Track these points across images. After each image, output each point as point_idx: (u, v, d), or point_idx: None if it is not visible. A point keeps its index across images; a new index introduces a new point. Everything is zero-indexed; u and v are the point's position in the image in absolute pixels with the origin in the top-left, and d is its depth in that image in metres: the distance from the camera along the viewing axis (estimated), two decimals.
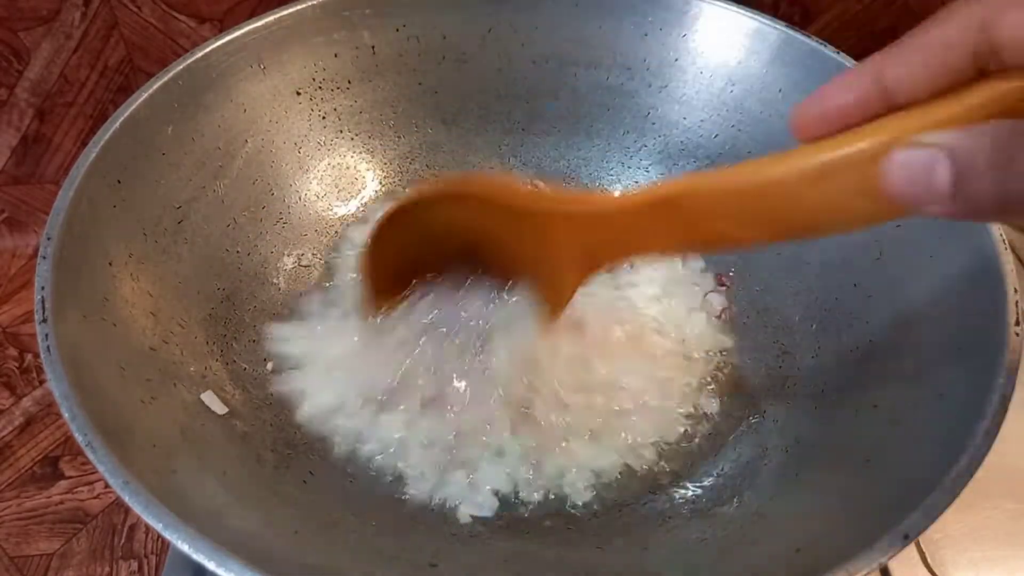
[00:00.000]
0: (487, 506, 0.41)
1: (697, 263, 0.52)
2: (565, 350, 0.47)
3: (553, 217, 0.35)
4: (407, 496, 0.42)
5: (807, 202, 0.26)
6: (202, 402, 0.39)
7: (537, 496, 0.42)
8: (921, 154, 0.22)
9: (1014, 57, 0.22)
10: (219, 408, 0.39)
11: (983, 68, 0.23)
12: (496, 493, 0.42)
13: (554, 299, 0.40)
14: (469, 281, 0.42)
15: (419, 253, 0.41)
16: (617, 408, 0.45)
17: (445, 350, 0.43)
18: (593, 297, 0.50)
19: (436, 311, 0.43)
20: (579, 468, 0.43)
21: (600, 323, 0.49)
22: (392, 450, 0.43)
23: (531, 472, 0.43)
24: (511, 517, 0.41)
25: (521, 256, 0.39)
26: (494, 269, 0.41)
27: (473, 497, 0.41)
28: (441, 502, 0.41)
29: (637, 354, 0.47)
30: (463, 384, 0.44)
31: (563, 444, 0.44)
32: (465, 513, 0.41)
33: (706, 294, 0.51)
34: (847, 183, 0.25)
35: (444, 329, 0.43)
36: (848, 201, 0.25)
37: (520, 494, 0.42)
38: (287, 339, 0.46)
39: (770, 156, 0.27)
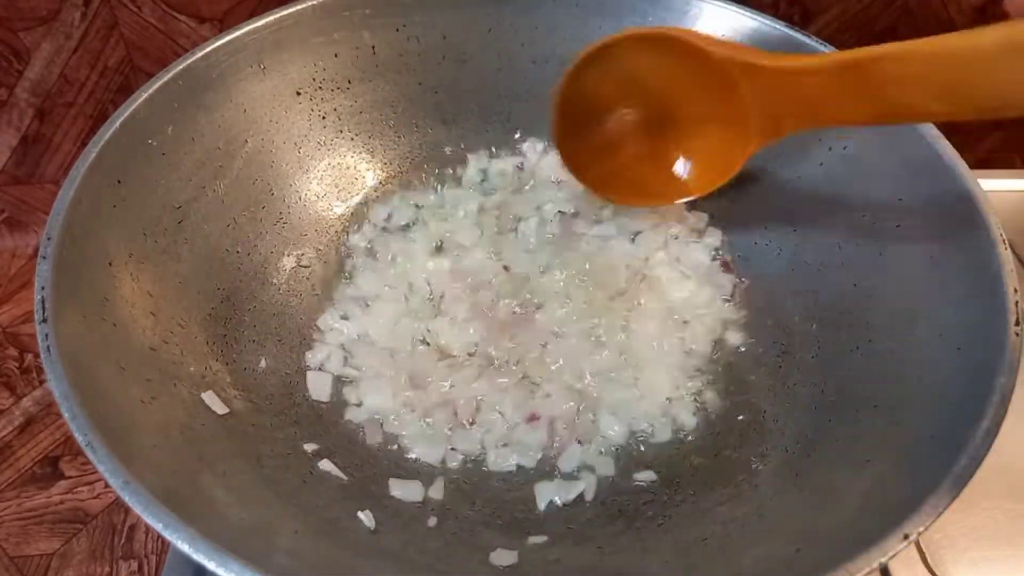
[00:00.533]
0: (486, 506, 0.41)
1: (709, 247, 0.52)
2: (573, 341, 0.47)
3: (744, 68, 0.35)
4: (406, 496, 0.42)
5: (1003, 77, 0.26)
6: (202, 402, 0.39)
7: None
8: None
9: None
10: (219, 408, 0.39)
11: None
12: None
13: (724, 163, 0.40)
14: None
15: (609, 97, 0.42)
16: (617, 408, 0.45)
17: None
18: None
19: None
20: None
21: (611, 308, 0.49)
22: (393, 449, 0.43)
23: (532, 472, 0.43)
24: (511, 517, 0.41)
25: (706, 110, 0.38)
26: (675, 122, 0.40)
27: (474, 497, 0.42)
28: (441, 501, 0.41)
29: (639, 353, 0.48)
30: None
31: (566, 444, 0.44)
32: (466, 513, 0.41)
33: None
34: None
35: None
36: None
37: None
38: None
39: (968, 31, 0.27)
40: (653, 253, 0.51)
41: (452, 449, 0.43)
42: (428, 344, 0.47)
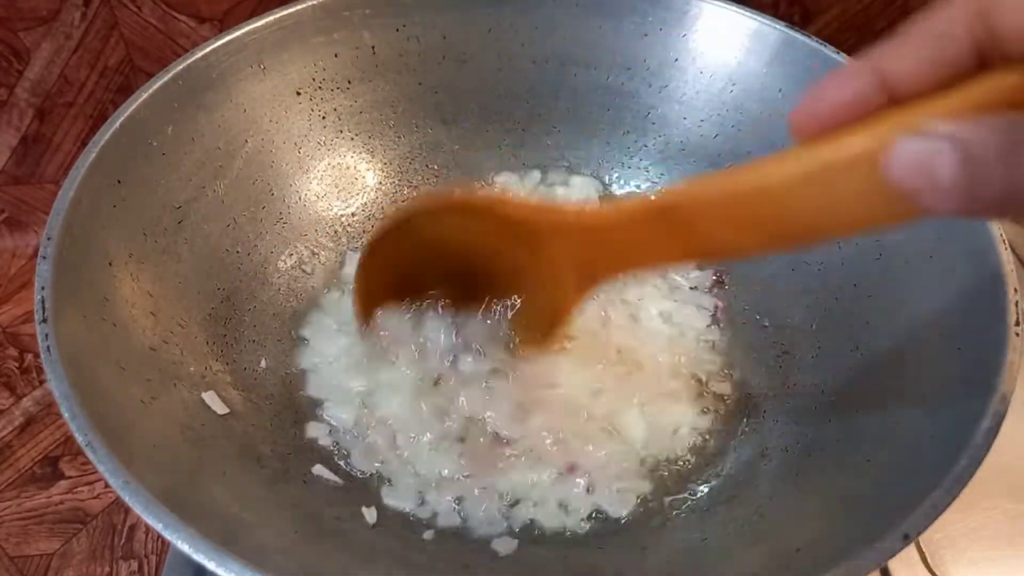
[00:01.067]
0: (488, 506, 0.41)
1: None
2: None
3: (546, 227, 0.34)
4: (406, 496, 0.42)
5: (810, 204, 0.25)
6: (202, 402, 0.39)
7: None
8: (927, 143, 0.21)
9: (1016, 46, 0.21)
10: (219, 408, 0.39)
11: (985, 58, 0.22)
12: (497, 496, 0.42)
13: (552, 317, 0.39)
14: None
15: (412, 270, 0.41)
16: (617, 408, 0.45)
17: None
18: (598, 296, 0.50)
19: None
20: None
21: (604, 320, 0.49)
22: (394, 450, 0.43)
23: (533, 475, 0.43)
24: (508, 526, 0.41)
25: (515, 271, 0.38)
26: (488, 287, 0.40)
27: (473, 495, 0.42)
28: (440, 503, 0.41)
29: (640, 353, 0.48)
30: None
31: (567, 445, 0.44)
32: (466, 514, 0.41)
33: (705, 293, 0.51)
34: (850, 181, 0.24)
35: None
36: (852, 202, 0.24)
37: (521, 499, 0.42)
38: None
39: (770, 157, 0.26)
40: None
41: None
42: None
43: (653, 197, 0.31)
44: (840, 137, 0.24)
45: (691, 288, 0.51)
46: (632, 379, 0.46)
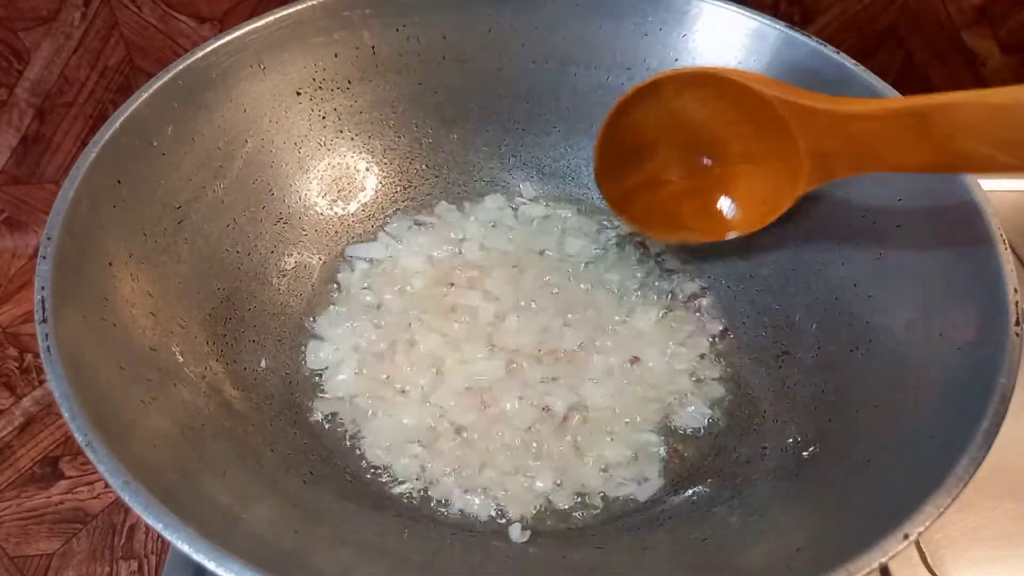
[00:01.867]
0: (487, 507, 0.41)
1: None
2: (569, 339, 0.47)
3: (796, 109, 0.34)
4: (407, 496, 0.42)
5: None
6: (202, 401, 0.39)
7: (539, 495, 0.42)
8: None
9: None
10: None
11: None
12: (491, 493, 0.42)
13: (769, 203, 0.39)
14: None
15: (654, 134, 0.41)
16: (618, 410, 0.45)
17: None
18: (599, 297, 0.50)
19: None
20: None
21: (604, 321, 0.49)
22: (390, 448, 0.43)
23: (534, 474, 0.43)
24: (511, 517, 0.41)
25: (754, 150, 0.37)
26: (722, 160, 0.39)
27: (473, 499, 0.42)
28: (440, 503, 0.41)
29: (639, 354, 0.48)
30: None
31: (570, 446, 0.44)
32: (466, 514, 0.41)
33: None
34: None
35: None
36: None
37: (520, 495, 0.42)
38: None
39: None
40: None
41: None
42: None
43: (906, 99, 0.30)
44: None
45: (691, 287, 0.51)
46: (632, 379, 0.46)
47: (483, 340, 0.47)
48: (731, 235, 0.45)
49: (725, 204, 0.43)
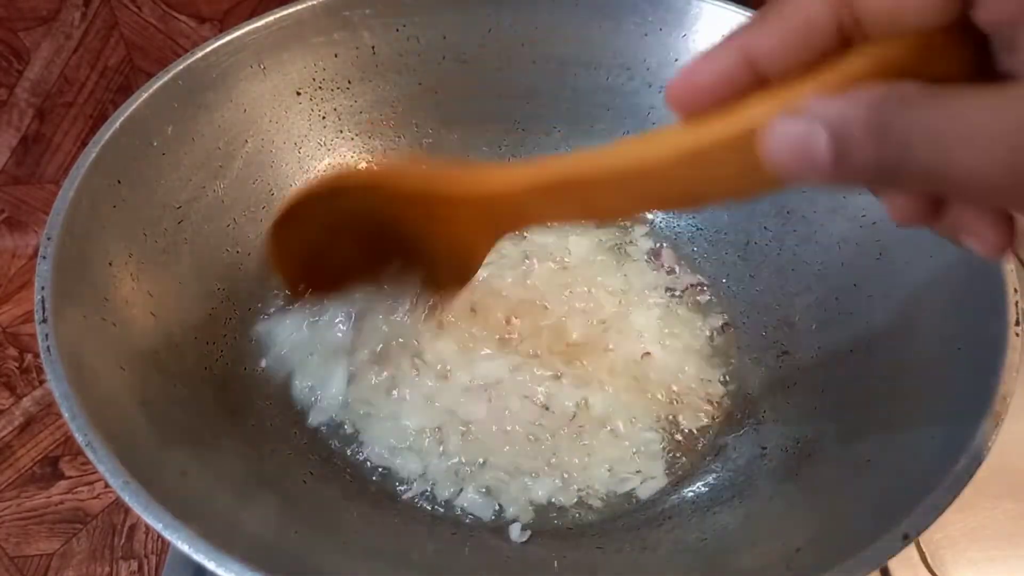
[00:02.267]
0: (487, 506, 0.41)
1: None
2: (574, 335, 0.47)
3: (449, 199, 0.35)
4: (407, 496, 0.42)
5: (689, 181, 0.27)
6: (202, 402, 0.39)
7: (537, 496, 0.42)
8: (801, 123, 0.21)
9: (875, 27, 0.22)
10: None
11: (848, 39, 0.23)
12: (492, 492, 0.42)
13: (461, 272, 0.40)
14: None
15: (325, 242, 0.40)
16: (620, 408, 0.45)
17: None
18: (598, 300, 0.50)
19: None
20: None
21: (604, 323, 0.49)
22: (391, 448, 0.43)
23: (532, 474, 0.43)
24: (512, 516, 0.41)
25: (423, 233, 0.38)
26: (400, 249, 0.40)
27: (474, 498, 0.42)
28: (440, 502, 0.41)
29: (639, 355, 0.48)
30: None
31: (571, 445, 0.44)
32: (466, 513, 0.41)
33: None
34: (726, 161, 0.25)
35: None
36: (730, 177, 0.26)
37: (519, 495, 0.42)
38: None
39: (653, 134, 0.27)
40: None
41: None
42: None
43: (539, 170, 0.32)
44: (713, 119, 0.25)
45: (691, 287, 0.51)
46: (633, 379, 0.46)
47: (488, 339, 0.47)
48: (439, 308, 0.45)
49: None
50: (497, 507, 0.41)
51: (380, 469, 0.43)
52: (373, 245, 0.41)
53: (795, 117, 0.21)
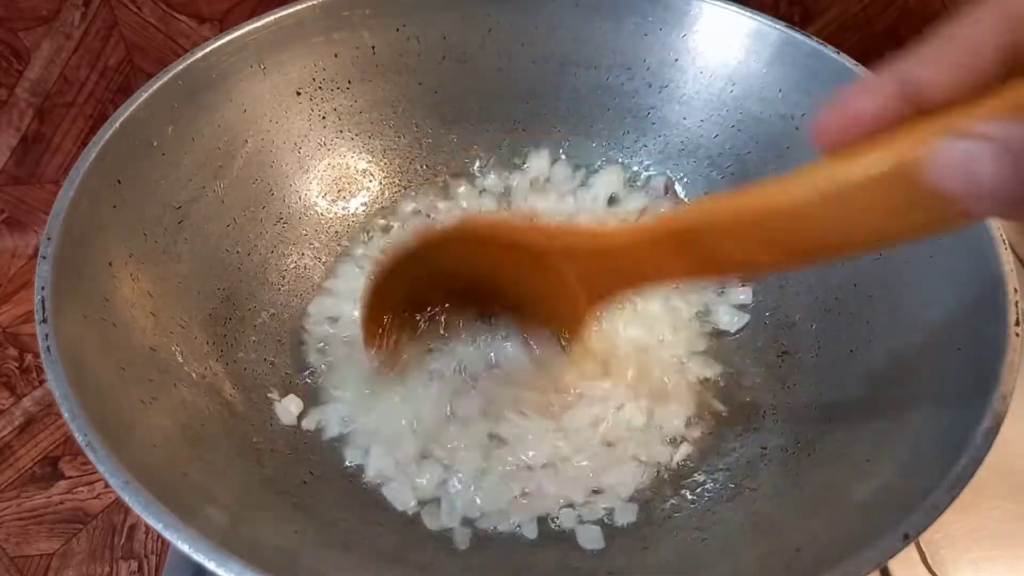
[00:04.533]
0: (490, 510, 0.41)
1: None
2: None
3: (556, 251, 0.34)
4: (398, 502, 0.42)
5: (832, 221, 0.25)
6: (202, 402, 0.39)
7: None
8: (969, 143, 0.20)
9: None
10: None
11: (1012, 69, 0.22)
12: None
13: (569, 329, 0.39)
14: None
15: (419, 296, 0.41)
16: (617, 411, 0.45)
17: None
18: None
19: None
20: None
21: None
22: (390, 452, 0.43)
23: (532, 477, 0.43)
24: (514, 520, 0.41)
25: (530, 292, 0.38)
26: (502, 306, 0.40)
27: (475, 498, 0.42)
28: (438, 502, 0.41)
29: (640, 354, 0.48)
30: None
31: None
32: (466, 516, 0.41)
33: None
34: (878, 197, 0.23)
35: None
36: (878, 216, 0.24)
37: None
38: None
39: (792, 175, 0.25)
40: None
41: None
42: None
43: (664, 219, 0.31)
44: (866, 151, 0.23)
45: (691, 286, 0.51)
46: (632, 380, 0.46)
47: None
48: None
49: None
50: (499, 512, 0.41)
51: (381, 467, 0.43)
52: (468, 299, 0.41)
53: (962, 136, 0.21)
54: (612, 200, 0.55)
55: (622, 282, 0.35)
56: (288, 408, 0.44)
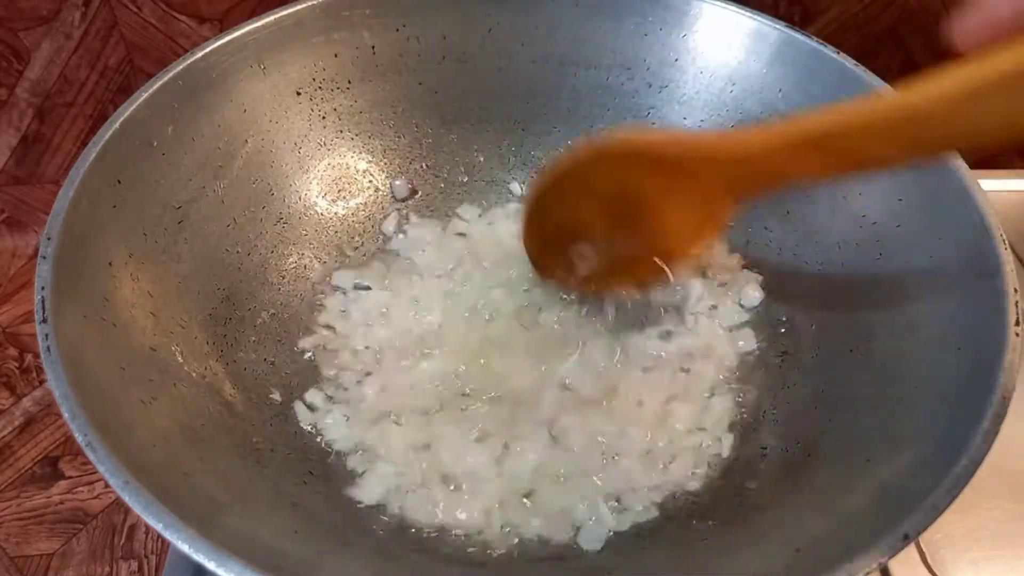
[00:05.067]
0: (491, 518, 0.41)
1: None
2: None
3: (701, 162, 0.36)
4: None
5: (977, 118, 0.26)
6: (202, 402, 0.39)
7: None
8: None
9: None
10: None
11: None
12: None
13: (696, 235, 0.40)
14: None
15: (571, 214, 0.42)
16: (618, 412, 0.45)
17: None
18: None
19: None
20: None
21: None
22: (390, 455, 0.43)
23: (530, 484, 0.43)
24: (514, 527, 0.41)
25: (670, 200, 0.39)
26: (645, 217, 0.41)
27: (473, 502, 0.42)
28: (437, 501, 0.41)
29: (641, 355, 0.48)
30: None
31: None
32: (464, 521, 0.41)
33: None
34: (1018, 91, 0.25)
35: None
36: (1020, 109, 0.25)
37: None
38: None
39: (927, 79, 0.27)
40: None
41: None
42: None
43: (806, 123, 0.32)
44: (1006, 51, 0.24)
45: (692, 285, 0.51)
46: (633, 381, 0.46)
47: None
48: (669, 276, 0.45)
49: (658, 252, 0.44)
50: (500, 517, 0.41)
51: (380, 467, 0.43)
52: (608, 216, 0.42)
53: None
54: None
55: (758, 184, 0.36)
56: (309, 407, 0.44)
